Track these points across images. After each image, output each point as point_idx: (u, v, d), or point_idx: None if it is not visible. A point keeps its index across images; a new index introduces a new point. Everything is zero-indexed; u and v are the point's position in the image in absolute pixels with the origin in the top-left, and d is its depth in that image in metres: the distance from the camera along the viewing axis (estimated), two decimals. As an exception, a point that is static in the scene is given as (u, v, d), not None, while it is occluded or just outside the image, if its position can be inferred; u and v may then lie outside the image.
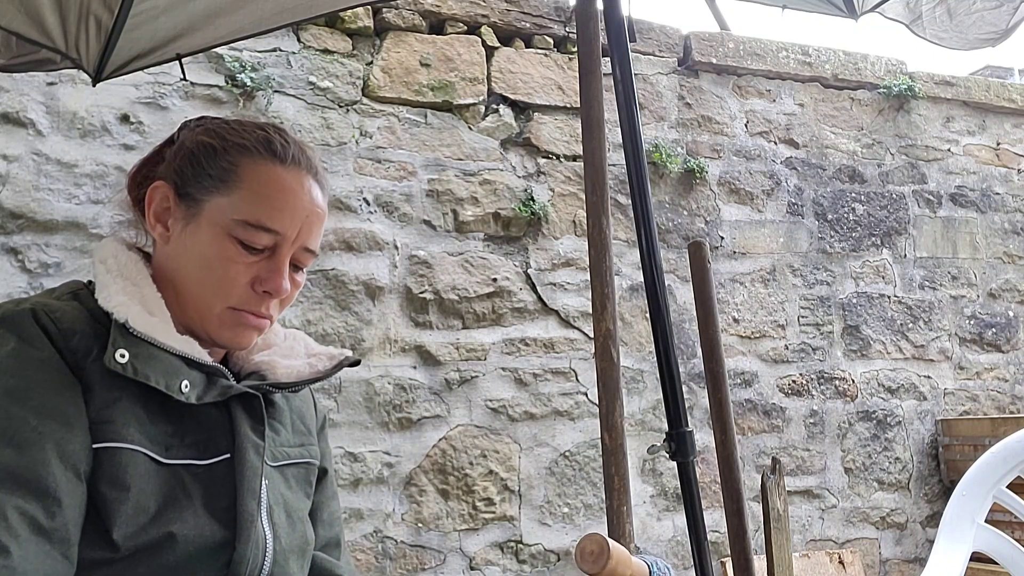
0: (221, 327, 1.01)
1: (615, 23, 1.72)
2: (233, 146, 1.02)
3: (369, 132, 3.24)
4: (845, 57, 4.16)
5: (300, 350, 1.14)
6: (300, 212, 1.02)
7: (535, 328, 3.39)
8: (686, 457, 1.61)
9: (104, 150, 2.87)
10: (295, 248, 1.03)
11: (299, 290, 1.08)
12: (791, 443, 3.80)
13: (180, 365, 0.95)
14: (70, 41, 1.68)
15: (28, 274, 2.72)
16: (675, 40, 3.86)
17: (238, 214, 0.99)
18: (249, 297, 1.01)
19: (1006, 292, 4.35)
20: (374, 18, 3.29)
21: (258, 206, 0.99)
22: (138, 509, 0.87)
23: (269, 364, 1.09)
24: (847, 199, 4.09)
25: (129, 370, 0.90)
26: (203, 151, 1.02)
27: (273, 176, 1.01)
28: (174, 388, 0.93)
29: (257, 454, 0.98)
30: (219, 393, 0.98)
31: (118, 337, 0.91)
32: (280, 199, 1.01)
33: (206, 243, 0.99)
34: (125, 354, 0.90)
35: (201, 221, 1.00)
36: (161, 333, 0.95)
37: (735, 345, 3.75)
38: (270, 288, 1.01)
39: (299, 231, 1.02)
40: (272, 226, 1.00)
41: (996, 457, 2.20)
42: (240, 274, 0.99)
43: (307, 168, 1.05)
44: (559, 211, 3.50)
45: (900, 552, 3.96)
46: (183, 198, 1.01)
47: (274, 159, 1.02)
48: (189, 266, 1.00)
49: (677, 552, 3.52)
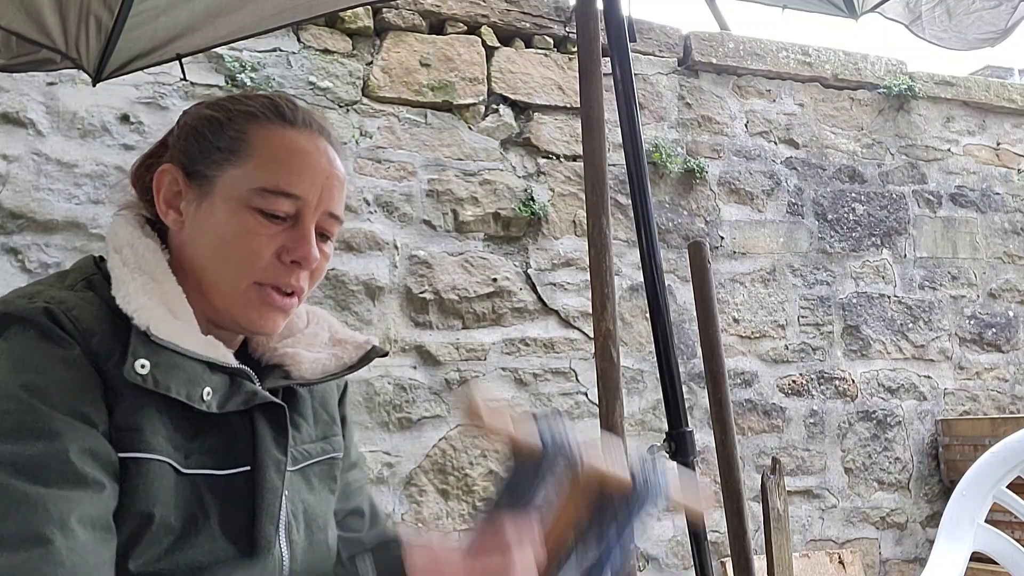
0: (247, 307, 0.94)
1: (615, 23, 1.72)
2: (239, 114, 0.97)
3: (369, 132, 3.24)
4: (845, 57, 4.16)
5: (324, 336, 1.07)
6: (319, 174, 0.96)
7: (535, 328, 3.39)
8: (686, 457, 1.62)
9: (104, 150, 2.87)
10: (319, 214, 0.96)
11: (328, 263, 1.02)
12: (791, 443, 3.80)
13: (202, 371, 0.89)
14: (70, 41, 1.68)
15: (28, 274, 2.72)
16: (675, 40, 3.86)
17: (254, 182, 0.93)
18: (276, 269, 0.94)
19: (1006, 292, 4.35)
20: (374, 18, 3.29)
21: (275, 171, 0.93)
22: (161, 529, 0.83)
23: (293, 358, 1.02)
24: (847, 199, 4.09)
25: (150, 381, 0.84)
26: (208, 125, 0.97)
27: (286, 139, 0.96)
28: (195, 398, 0.87)
29: (278, 472, 0.92)
30: (243, 401, 0.91)
31: (138, 345, 0.85)
32: (297, 162, 0.95)
33: (224, 220, 0.93)
34: (146, 364, 0.84)
35: (215, 198, 0.93)
36: (184, 337, 0.88)
37: (735, 345, 3.75)
38: (298, 257, 0.94)
39: (320, 194, 0.95)
40: (292, 190, 0.93)
41: (996, 457, 2.20)
42: (264, 246, 0.93)
43: (319, 131, 1.00)
44: (559, 211, 3.50)
45: (900, 552, 3.96)
46: (193, 177, 0.95)
47: (284, 122, 0.97)
48: (208, 248, 0.93)
49: (677, 552, 3.52)
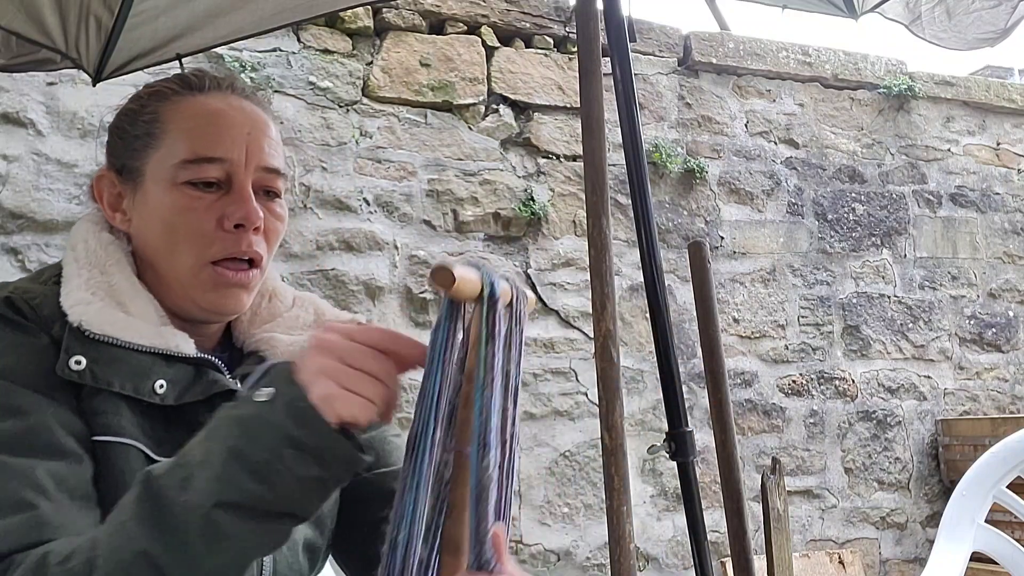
0: (205, 290, 0.92)
1: (615, 23, 1.72)
2: (149, 98, 0.96)
3: (369, 132, 3.24)
4: (845, 57, 4.16)
5: (307, 319, 1.04)
6: (237, 131, 0.93)
7: (535, 328, 3.39)
8: (686, 457, 1.61)
9: (104, 150, 2.87)
10: (252, 172, 0.93)
11: (284, 224, 0.98)
12: (791, 443, 3.80)
13: (153, 363, 0.87)
14: (70, 41, 1.68)
15: (28, 274, 2.72)
16: (675, 40, 3.86)
17: (175, 157, 0.91)
18: (224, 239, 0.91)
19: (1006, 292, 4.35)
20: (374, 18, 3.29)
21: (191, 140, 0.91)
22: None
23: (268, 342, 0.99)
24: (847, 199, 4.09)
25: (88, 377, 0.82)
26: (125, 119, 0.97)
27: (196, 106, 0.94)
28: (144, 391, 0.85)
29: None
30: (201, 391, 0.89)
31: (72, 342, 0.83)
32: (211, 124, 0.93)
33: (159, 203, 0.91)
34: (81, 360, 0.82)
35: (147, 185, 0.93)
36: (128, 330, 0.86)
37: (735, 345, 3.75)
38: (239, 219, 0.91)
39: (246, 151, 0.92)
40: (212, 153, 0.91)
41: (996, 457, 2.20)
42: (203, 219, 0.90)
43: (230, 87, 0.98)
44: (559, 211, 3.50)
45: (900, 552, 3.96)
46: (124, 173, 0.95)
47: (191, 91, 0.95)
48: (154, 236, 0.92)
49: (677, 552, 3.52)
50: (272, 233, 0.96)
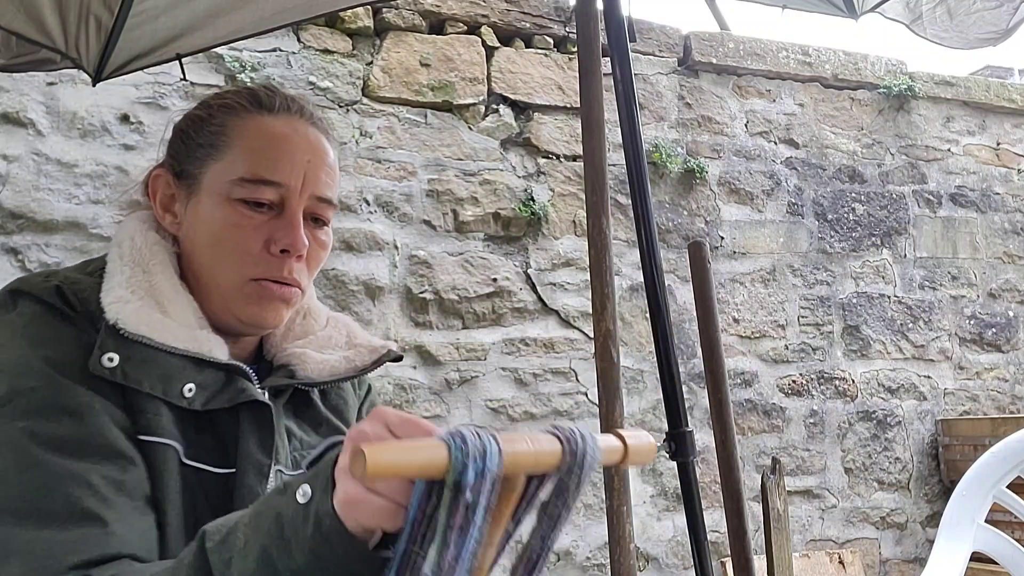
0: (246, 303, 0.93)
1: (615, 23, 1.72)
2: (219, 109, 0.98)
3: (369, 132, 3.24)
4: (845, 57, 4.16)
5: (340, 340, 1.05)
6: (298, 157, 0.95)
7: (535, 328, 3.39)
8: (686, 457, 1.61)
9: (104, 150, 2.87)
10: (305, 199, 0.95)
11: (327, 252, 1.00)
12: (791, 443, 3.80)
13: (184, 366, 0.88)
14: (70, 41, 1.67)
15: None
16: (675, 40, 3.86)
17: (234, 173, 0.93)
18: (268, 262, 0.93)
19: (1006, 292, 4.35)
20: (374, 18, 3.29)
21: (252, 159, 0.93)
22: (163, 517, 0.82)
23: (300, 357, 1.00)
24: (847, 199, 4.09)
25: (119, 375, 0.83)
26: (191, 125, 0.98)
27: (263, 127, 0.96)
28: (173, 393, 0.86)
29: (260, 474, 0.89)
30: (227, 399, 0.90)
31: (107, 338, 0.84)
32: (273, 147, 0.95)
33: (210, 214, 0.93)
34: (114, 358, 0.83)
35: (201, 194, 0.95)
36: (164, 332, 0.87)
37: (735, 345, 3.75)
38: (286, 244, 0.93)
39: (303, 179, 0.94)
40: (271, 177, 0.93)
41: (996, 457, 2.20)
42: (251, 238, 0.92)
43: (299, 113, 0.99)
44: (559, 211, 3.50)
45: (900, 552, 3.96)
46: (181, 177, 0.97)
47: (261, 110, 0.97)
48: (201, 245, 0.94)
49: (677, 552, 3.52)
50: (314, 261, 0.98)
